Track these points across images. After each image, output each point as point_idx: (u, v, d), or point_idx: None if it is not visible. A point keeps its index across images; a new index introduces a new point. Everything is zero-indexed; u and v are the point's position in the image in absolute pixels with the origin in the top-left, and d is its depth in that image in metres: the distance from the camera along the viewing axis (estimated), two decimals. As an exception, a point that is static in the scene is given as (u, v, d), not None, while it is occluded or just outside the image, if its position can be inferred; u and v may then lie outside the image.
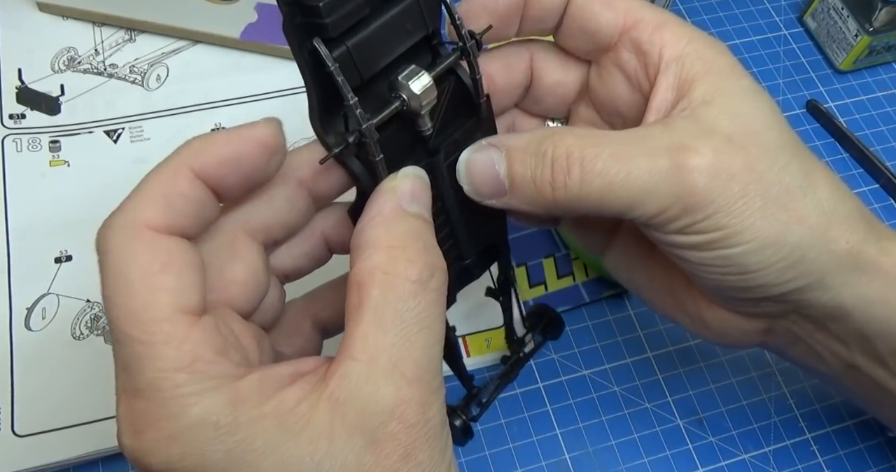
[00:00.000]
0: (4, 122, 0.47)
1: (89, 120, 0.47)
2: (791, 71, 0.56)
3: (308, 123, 0.26)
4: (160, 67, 0.50)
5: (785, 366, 0.45)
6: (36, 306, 0.42)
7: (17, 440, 0.38)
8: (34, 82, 0.49)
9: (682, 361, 0.44)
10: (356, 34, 0.24)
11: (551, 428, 0.42)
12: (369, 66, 0.25)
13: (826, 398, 0.44)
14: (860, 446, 0.43)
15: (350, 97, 0.24)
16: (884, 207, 0.51)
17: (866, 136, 0.53)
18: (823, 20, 0.56)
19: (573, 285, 0.46)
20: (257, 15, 0.48)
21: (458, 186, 0.29)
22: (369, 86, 0.26)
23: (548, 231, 0.47)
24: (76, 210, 0.44)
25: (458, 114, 0.28)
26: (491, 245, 0.33)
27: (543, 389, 0.43)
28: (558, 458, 0.41)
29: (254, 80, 0.50)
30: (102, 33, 0.51)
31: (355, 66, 0.25)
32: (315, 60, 0.24)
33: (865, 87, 0.56)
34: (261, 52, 0.51)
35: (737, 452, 0.42)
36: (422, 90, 0.25)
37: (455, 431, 0.33)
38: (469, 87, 0.28)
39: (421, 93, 0.25)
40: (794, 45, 0.57)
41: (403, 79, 0.25)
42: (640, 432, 0.42)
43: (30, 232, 0.44)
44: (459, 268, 0.32)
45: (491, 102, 0.29)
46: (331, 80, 0.24)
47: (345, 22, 0.24)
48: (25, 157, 0.46)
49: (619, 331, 0.45)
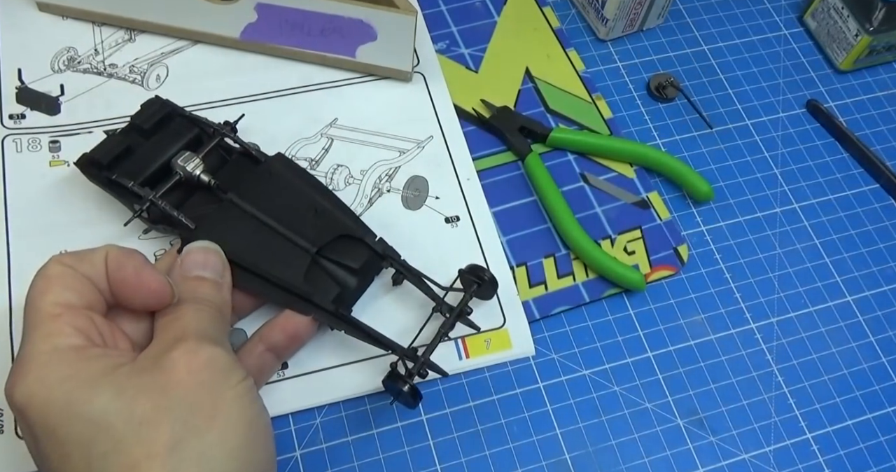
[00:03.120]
0: (4, 122, 0.47)
1: (89, 120, 0.47)
2: (791, 71, 0.56)
3: (307, 124, 0.42)
4: (160, 67, 0.50)
5: (785, 366, 0.45)
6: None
7: (19, 442, 0.38)
8: (34, 82, 0.49)
9: (682, 361, 0.44)
10: (128, 158, 0.42)
11: (551, 428, 0.42)
12: (151, 163, 0.42)
13: (826, 397, 0.44)
14: (861, 445, 0.43)
15: (131, 186, 0.41)
16: (884, 207, 0.51)
17: (866, 136, 0.53)
18: (823, 20, 0.56)
19: (573, 284, 0.46)
20: (257, 15, 0.48)
21: (267, 205, 0.41)
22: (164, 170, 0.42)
23: (548, 231, 0.47)
24: (76, 210, 0.44)
25: (233, 164, 0.44)
26: (345, 236, 0.41)
27: (543, 389, 0.43)
28: (558, 458, 0.41)
29: (254, 80, 0.50)
30: (102, 33, 0.51)
31: (136, 171, 0.41)
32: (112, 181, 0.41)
33: (865, 86, 0.56)
34: (261, 52, 0.51)
35: (737, 452, 0.42)
36: (192, 167, 0.41)
37: (404, 396, 0.38)
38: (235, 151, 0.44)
39: (191, 168, 0.41)
40: (795, 45, 0.57)
41: (181, 161, 0.42)
42: (640, 432, 0.42)
43: (29, 232, 0.44)
44: (318, 265, 0.41)
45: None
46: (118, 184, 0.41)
47: (109, 156, 0.42)
48: (25, 157, 0.46)
49: (619, 331, 0.45)
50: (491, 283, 0.41)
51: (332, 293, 0.40)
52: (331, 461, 0.40)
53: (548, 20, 0.55)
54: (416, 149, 0.49)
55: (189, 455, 0.29)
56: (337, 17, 0.47)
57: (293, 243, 0.40)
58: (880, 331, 0.46)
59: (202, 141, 0.43)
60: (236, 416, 0.31)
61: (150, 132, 0.43)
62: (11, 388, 0.30)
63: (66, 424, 0.29)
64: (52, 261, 0.33)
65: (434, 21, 0.54)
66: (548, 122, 0.51)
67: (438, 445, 0.41)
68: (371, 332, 0.40)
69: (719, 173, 0.51)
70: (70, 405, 0.29)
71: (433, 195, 0.47)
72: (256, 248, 0.40)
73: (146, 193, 0.40)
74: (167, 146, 0.42)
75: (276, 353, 0.40)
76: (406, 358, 0.39)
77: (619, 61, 0.54)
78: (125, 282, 0.33)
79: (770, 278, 0.47)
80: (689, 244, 0.48)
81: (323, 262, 0.41)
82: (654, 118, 0.52)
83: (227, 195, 0.41)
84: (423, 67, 0.52)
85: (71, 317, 0.32)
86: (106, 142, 0.42)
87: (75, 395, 0.30)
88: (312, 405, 0.41)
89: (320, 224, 0.41)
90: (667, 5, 0.54)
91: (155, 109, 0.44)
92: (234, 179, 0.42)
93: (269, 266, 0.39)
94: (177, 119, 0.44)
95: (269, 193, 0.42)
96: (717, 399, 0.43)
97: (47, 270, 0.32)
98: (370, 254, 0.42)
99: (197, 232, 0.40)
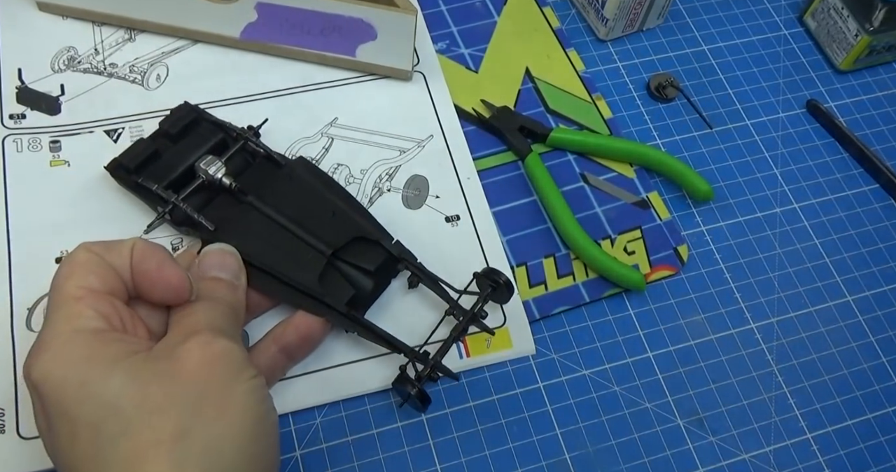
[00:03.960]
0: (4, 122, 0.47)
1: (89, 120, 0.47)
2: (791, 71, 0.56)
3: (307, 123, 0.43)
4: (160, 67, 0.50)
5: (785, 366, 0.45)
6: (37, 306, 0.42)
7: (22, 442, 0.38)
8: (34, 82, 0.48)
9: (682, 361, 0.44)
10: (154, 162, 0.43)
11: (551, 428, 0.42)
12: (176, 167, 0.43)
13: (826, 397, 0.44)
14: (861, 445, 0.43)
15: (155, 189, 0.42)
16: (883, 207, 0.51)
17: (866, 136, 0.53)
18: (823, 20, 0.56)
19: (573, 284, 0.46)
20: (257, 15, 0.48)
21: (286, 207, 0.42)
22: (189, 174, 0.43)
23: (548, 231, 0.47)
24: (76, 210, 0.44)
25: (256, 168, 0.44)
26: (360, 238, 0.42)
27: (543, 389, 0.43)
28: (558, 458, 0.41)
29: (254, 79, 0.50)
30: (102, 33, 0.51)
31: (162, 174, 0.43)
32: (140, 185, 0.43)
33: (865, 86, 0.56)
34: (261, 52, 0.51)
35: (737, 452, 0.42)
36: (214, 170, 0.42)
37: (412, 401, 0.39)
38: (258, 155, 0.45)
39: (213, 172, 0.42)
40: (794, 45, 0.57)
41: (203, 165, 0.43)
42: (640, 432, 0.42)
43: (30, 232, 0.44)
44: (335, 268, 0.41)
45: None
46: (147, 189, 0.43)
47: (137, 161, 0.43)
48: (25, 157, 0.46)
49: (619, 331, 0.45)
50: (506, 286, 0.41)
51: (346, 295, 0.41)
52: (331, 461, 0.40)
53: (548, 20, 0.55)
54: (416, 148, 0.49)
55: (195, 445, 0.29)
56: (337, 17, 0.47)
57: (309, 245, 0.41)
58: (880, 331, 0.46)
59: (227, 145, 0.44)
60: (245, 411, 0.31)
61: (177, 137, 0.44)
62: (29, 367, 0.31)
63: (78, 404, 0.30)
64: (80, 248, 0.34)
65: (434, 21, 0.54)
66: (548, 122, 0.51)
67: (438, 445, 0.41)
68: (384, 334, 0.40)
69: (719, 173, 0.51)
70: (84, 386, 0.30)
71: (433, 194, 0.47)
72: (273, 249, 0.41)
73: (170, 196, 0.41)
74: (193, 150, 0.44)
75: (288, 354, 0.40)
76: (417, 361, 0.40)
77: (619, 61, 0.54)
78: (147, 274, 0.34)
79: (770, 278, 0.47)
80: (689, 244, 0.48)
81: (339, 264, 0.42)
82: (654, 118, 0.52)
83: (247, 198, 0.42)
84: (423, 66, 0.52)
85: (93, 300, 0.32)
86: (134, 147, 0.43)
87: (90, 376, 0.30)
88: (314, 404, 0.41)
89: (337, 226, 0.42)
90: (667, 5, 0.54)
91: (182, 114, 0.45)
92: (256, 183, 0.43)
93: (284, 268, 0.40)
94: (203, 124, 0.45)
95: (289, 196, 0.43)
96: (717, 399, 0.43)
97: (75, 256, 0.33)
98: (386, 256, 0.42)
99: (216, 234, 0.41)
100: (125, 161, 0.43)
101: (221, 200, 0.43)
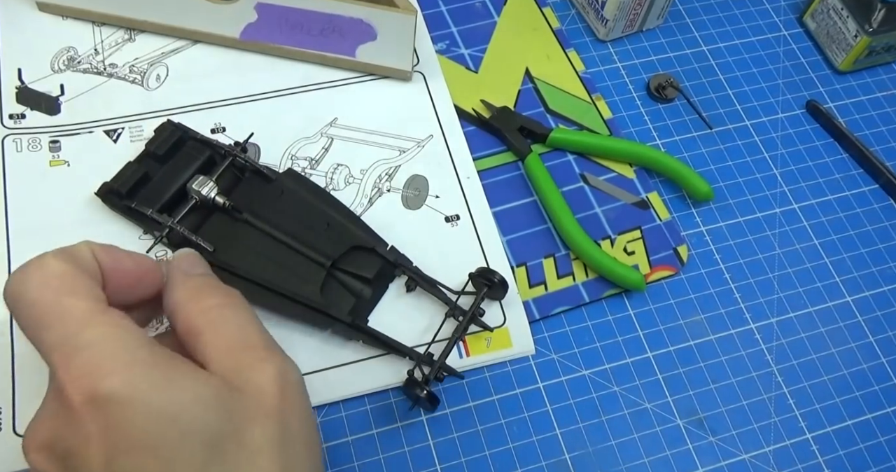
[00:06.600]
0: (4, 122, 0.47)
1: (89, 120, 0.47)
2: (791, 71, 0.56)
3: (307, 123, 0.42)
4: (160, 67, 0.50)
5: (785, 366, 0.45)
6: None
7: (18, 439, 0.38)
8: (34, 82, 0.48)
9: (681, 361, 0.44)
10: (145, 184, 0.43)
11: (551, 428, 0.42)
12: (167, 189, 0.43)
13: (826, 397, 0.44)
14: (860, 445, 0.43)
15: (149, 213, 0.42)
16: (883, 207, 0.51)
17: (866, 136, 0.53)
18: (823, 21, 0.56)
19: (573, 284, 0.46)
20: (257, 15, 0.48)
21: (281, 222, 0.42)
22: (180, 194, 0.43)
23: (547, 231, 0.47)
24: (76, 210, 0.44)
25: (246, 183, 0.44)
26: (357, 247, 0.42)
27: (543, 389, 0.43)
28: (558, 458, 0.41)
29: (253, 79, 0.50)
30: (102, 33, 0.51)
31: (153, 197, 0.42)
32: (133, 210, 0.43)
33: (865, 87, 0.56)
34: (261, 52, 0.51)
35: (737, 452, 0.42)
36: (206, 190, 0.42)
37: (422, 402, 0.39)
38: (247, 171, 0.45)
39: (206, 192, 0.42)
40: (794, 45, 0.57)
41: (195, 186, 0.42)
42: (640, 432, 0.42)
43: (30, 232, 0.44)
44: (334, 277, 0.42)
45: None
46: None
47: (128, 185, 0.43)
48: (25, 157, 0.46)
49: (619, 331, 0.45)
50: (501, 284, 0.42)
51: (347, 305, 0.41)
52: (331, 461, 0.40)
53: (548, 20, 0.55)
54: (416, 148, 0.49)
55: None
56: (337, 17, 0.47)
57: (308, 258, 0.41)
58: (880, 331, 0.46)
59: (215, 162, 0.44)
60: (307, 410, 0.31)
61: (164, 158, 0.44)
62: (96, 386, 0.27)
63: (178, 440, 0.27)
64: (47, 257, 0.29)
65: (434, 21, 0.54)
66: (548, 122, 0.51)
67: (438, 445, 0.41)
68: (389, 341, 0.41)
69: (719, 174, 0.51)
70: (175, 422, 0.27)
71: (433, 194, 0.47)
72: (273, 265, 0.41)
73: (165, 220, 0.41)
74: (182, 171, 0.43)
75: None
76: (423, 363, 0.40)
77: (619, 62, 0.55)
78: (127, 273, 0.31)
79: (770, 278, 0.47)
80: (688, 245, 0.48)
81: (338, 274, 0.42)
82: (654, 119, 0.52)
83: (242, 215, 0.42)
84: (422, 67, 0.52)
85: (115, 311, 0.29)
86: (123, 171, 0.43)
87: (175, 406, 0.28)
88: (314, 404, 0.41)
89: (333, 237, 0.42)
90: (666, 6, 0.54)
91: (167, 135, 0.45)
92: (248, 199, 0.43)
93: (286, 283, 0.40)
94: (189, 142, 0.45)
95: (283, 210, 0.43)
96: (716, 399, 0.43)
97: (51, 268, 0.29)
98: (382, 263, 0.42)
99: (216, 254, 0.41)
100: (116, 186, 0.43)
101: (216, 219, 0.43)
